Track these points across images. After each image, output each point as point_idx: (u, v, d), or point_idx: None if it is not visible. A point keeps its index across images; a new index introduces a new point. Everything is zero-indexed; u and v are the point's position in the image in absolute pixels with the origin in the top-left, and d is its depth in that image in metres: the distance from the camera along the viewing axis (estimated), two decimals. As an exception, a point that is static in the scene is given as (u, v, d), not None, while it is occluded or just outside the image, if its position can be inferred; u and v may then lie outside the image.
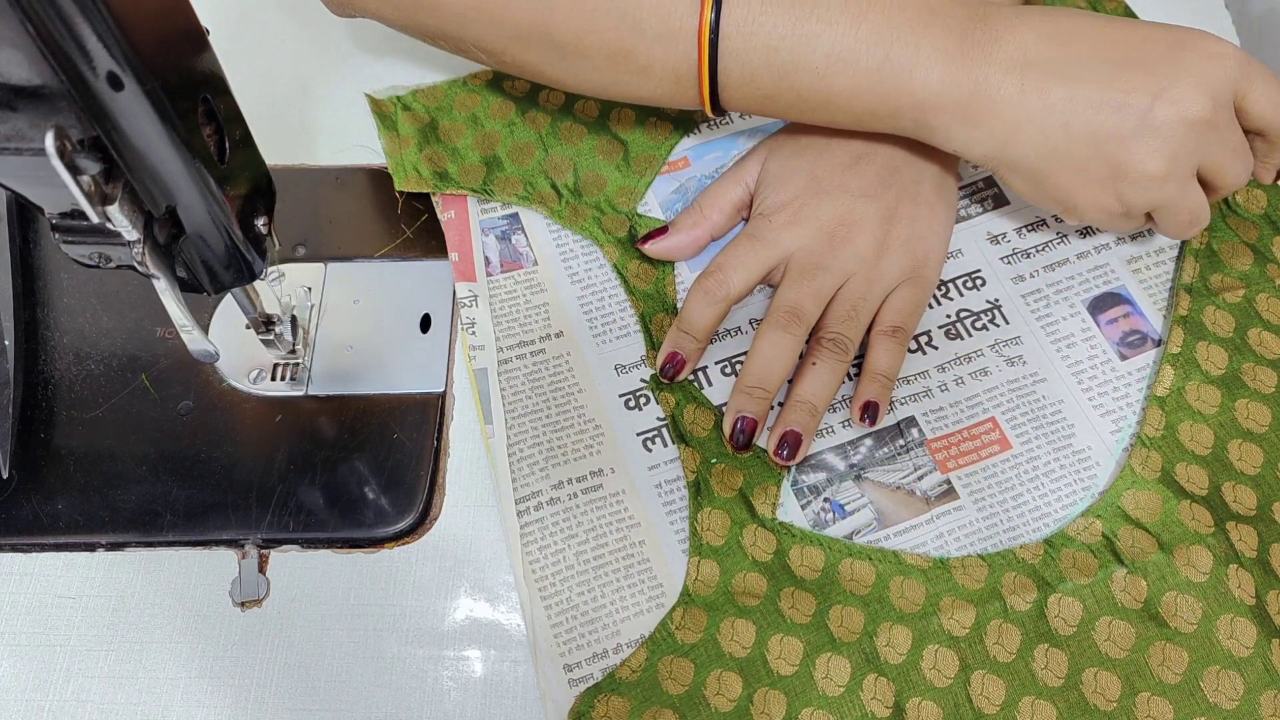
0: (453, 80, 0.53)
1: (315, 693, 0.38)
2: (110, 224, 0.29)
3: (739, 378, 0.43)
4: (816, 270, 0.43)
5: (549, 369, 0.44)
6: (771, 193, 0.45)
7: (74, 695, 0.39)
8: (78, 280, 0.47)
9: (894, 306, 0.44)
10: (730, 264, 0.44)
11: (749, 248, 0.44)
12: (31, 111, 0.26)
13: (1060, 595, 0.38)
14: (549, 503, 0.41)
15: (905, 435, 0.43)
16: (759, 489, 0.41)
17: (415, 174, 0.49)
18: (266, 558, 0.41)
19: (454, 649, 0.39)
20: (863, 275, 0.44)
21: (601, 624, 0.39)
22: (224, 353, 0.39)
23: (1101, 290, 0.46)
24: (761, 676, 0.37)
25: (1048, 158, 0.40)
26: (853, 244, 0.44)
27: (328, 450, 0.43)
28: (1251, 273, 0.46)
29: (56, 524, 0.41)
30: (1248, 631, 0.37)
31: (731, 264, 0.44)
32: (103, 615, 0.40)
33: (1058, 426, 0.43)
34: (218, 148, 0.31)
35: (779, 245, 0.44)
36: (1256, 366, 0.43)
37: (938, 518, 0.41)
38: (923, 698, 0.37)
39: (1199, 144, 0.39)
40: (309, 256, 0.48)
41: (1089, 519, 0.40)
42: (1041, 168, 0.40)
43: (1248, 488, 0.41)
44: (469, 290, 0.46)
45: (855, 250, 0.44)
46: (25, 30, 0.24)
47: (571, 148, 0.50)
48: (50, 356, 0.45)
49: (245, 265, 0.35)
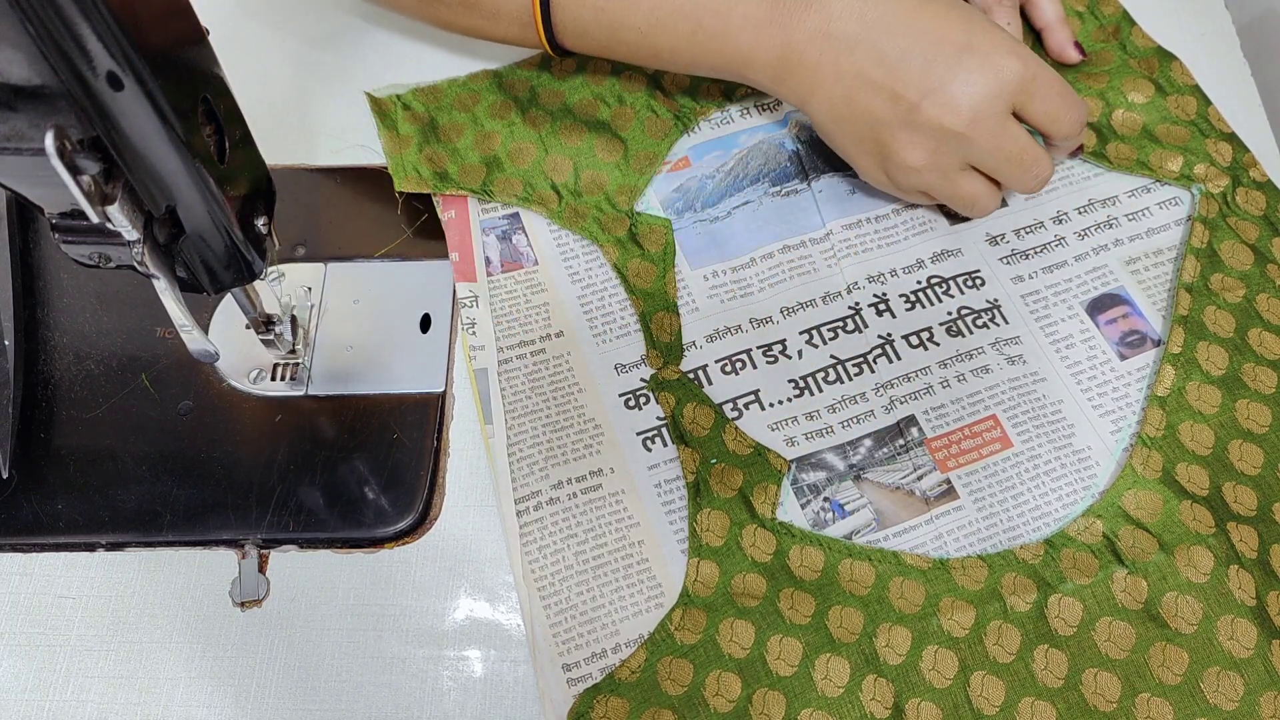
0: (453, 80, 0.52)
1: (315, 693, 0.38)
2: (110, 224, 0.29)
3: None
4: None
5: (549, 369, 0.44)
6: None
7: (74, 695, 0.39)
8: (78, 280, 0.47)
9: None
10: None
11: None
12: (31, 111, 0.26)
13: (1060, 596, 0.38)
14: (548, 502, 0.41)
15: (905, 435, 0.43)
16: (759, 488, 0.41)
17: (415, 174, 0.49)
18: (266, 558, 0.41)
19: (454, 649, 0.39)
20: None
21: (600, 624, 0.39)
22: (224, 353, 0.39)
23: (1100, 291, 0.46)
24: (761, 677, 0.37)
25: (836, 122, 0.44)
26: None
27: (328, 450, 0.43)
28: (1252, 273, 0.46)
29: (56, 524, 0.41)
30: (1248, 632, 0.37)
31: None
32: (103, 615, 0.40)
33: (1058, 426, 0.43)
34: (218, 148, 0.31)
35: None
36: (1257, 367, 0.43)
37: (937, 518, 0.41)
38: (922, 699, 0.37)
39: (958, 149, 0.42)
40: (309, 256, 0.48)
41: (1090, 519, 0.40)
42: (831, 130, 0.45)
43: (1248, 488, 0.41)
44: (469, 290, 0.46)
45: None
46: (25, 30, 0.24)
47: (571, 147, 0.50)
48: (50, 356, 0.45)
49: (245, 265, 0.35)
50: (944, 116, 0.41)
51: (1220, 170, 0.48)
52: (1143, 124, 0.50)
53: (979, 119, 0.41)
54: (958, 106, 0.41)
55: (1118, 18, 0.54)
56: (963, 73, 0.40)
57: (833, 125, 0.44)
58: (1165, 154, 0.49)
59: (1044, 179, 0.43)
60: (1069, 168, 0.50)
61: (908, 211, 0.49)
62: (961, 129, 0.41)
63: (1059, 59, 0.52)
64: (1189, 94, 0.51)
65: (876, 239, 0.48)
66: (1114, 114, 0.50)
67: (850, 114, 0.43)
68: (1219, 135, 0.49)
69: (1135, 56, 0.52)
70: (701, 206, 0.49)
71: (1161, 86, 0.51)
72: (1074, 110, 0.42)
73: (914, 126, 0.42)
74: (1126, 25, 0.53)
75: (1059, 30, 0.52)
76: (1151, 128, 0.50)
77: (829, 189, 0.49)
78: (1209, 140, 0.49)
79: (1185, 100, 0.50)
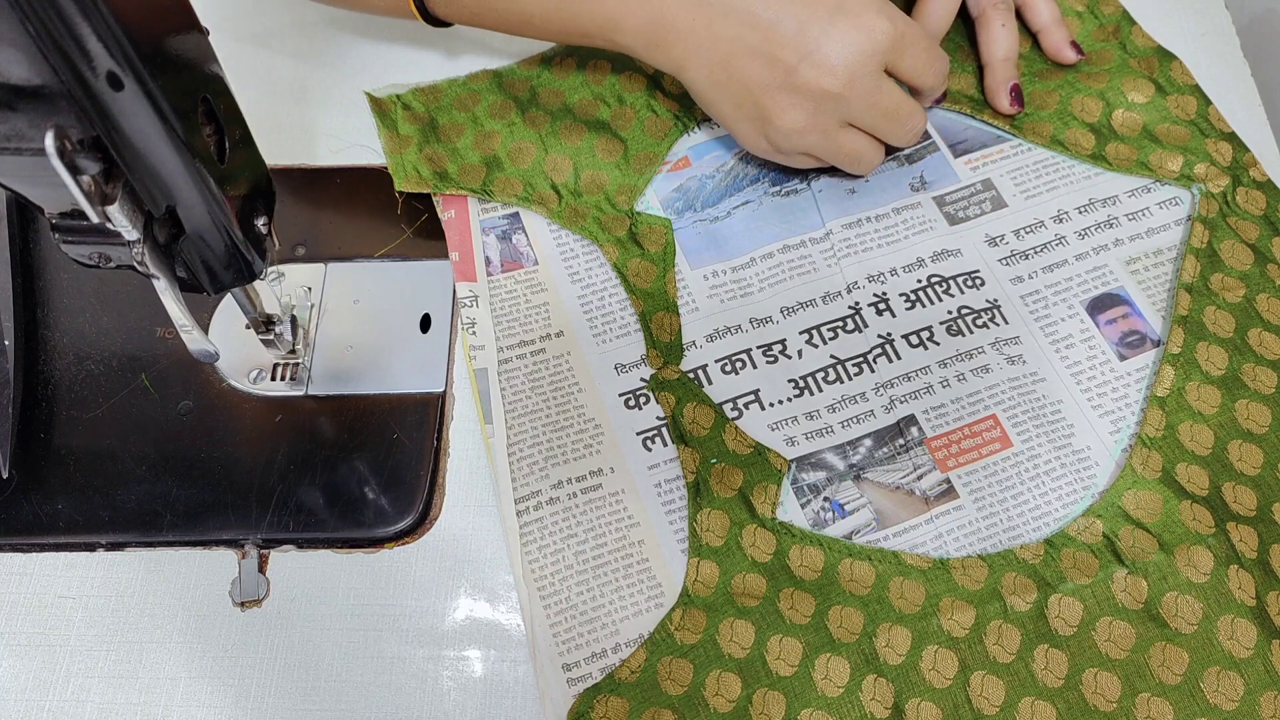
0: (452, 80, 0.53)
1: (315, 693, 0.38)
2: (110, 224, 0.29)
3: (995, 61, 0.50)
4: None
5: (549, 369, 0.44)
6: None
7: (74, 695, 0.39)
8: (78, 280, 0.47)
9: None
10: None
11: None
12: (31, 111, 0.26)
13: (1061, 595, 0.38)
14: (548, 502, 0.41)
15: (905, 434, 0.43)
16: (759, 488, 0.41)
17: (415, 174, 0.49)
18: (266, 558, 0.41)
19: (454, 649, 0.39)
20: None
21: (600, 624, 0.39)
22: (224, 353, 0.39)
23: (1100, 291, 0.46)
24: (761, 677, 0.37)
25: (714, 88, 0.44)
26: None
27: (328, 450, 0.43)
28: (1252, 273, 0.46)
29: (56, 524, 0.41)
30: (1248, 632, 0.37)
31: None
32: (103, 615, 0.40)
33: (1057, 426, 0.43)
34: (218, 148, 0.31)
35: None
36: (1257, 367, 0.43)
37: (937, 517, 0.41)
38: (922, 699, 0.37)
39: (836, 108, 0.43)
40: (309, 256, 0.48)
41: (1090, 519, 0.40)
42: (710, 96, 0.45)
43: (1248, 488, 0.41)
44: (469, 290, 0.46)
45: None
46: (25, 30, 0.24)
47: (571, 147, 0.50)
48: (50, 356, 0.45)
49: (245, 265, 0.35)
50: (822, 78, 0.42)
51: (1220, 170, 0.48)
52: (1143, 124, 0.50)
53: (855, 78, 0.42)
54: (834, 67, 0.42)
55: (1117, 17, 0.54)
56: (837, 34, 0.41)
57: (712, 92, 0.44)
58: (1165, 154, 0.49)
59: (919, 131, 0.46)
60: (1070, 166, 0.50)
61: (908, 211, 0.49)
62: (839, 89, 0.42)
63: (1056, 59, 0.52)
64: (1189, 94, 0.51)
65: (876, 238, 0.48)
66: (1114, 114, 0.50)
67: (729, 79, 0.43)
68: (1219, 135, 0.49)
69: (1135, 56, 0.52)
70: (701, 206, 0.49)
71: (1161, 86, 0.51)
72: (939, 63, 0.45)
73: (792, 89, 0.42)
74: (1126, 25, 0.53)
75: (1055, 31, 0.52)
76: (1151, 127, 0.50)
77: (829, 189, 0.49)
78: (1209, 140, 0.49)
79: (1185, 100, 0.50)
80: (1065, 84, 0.51)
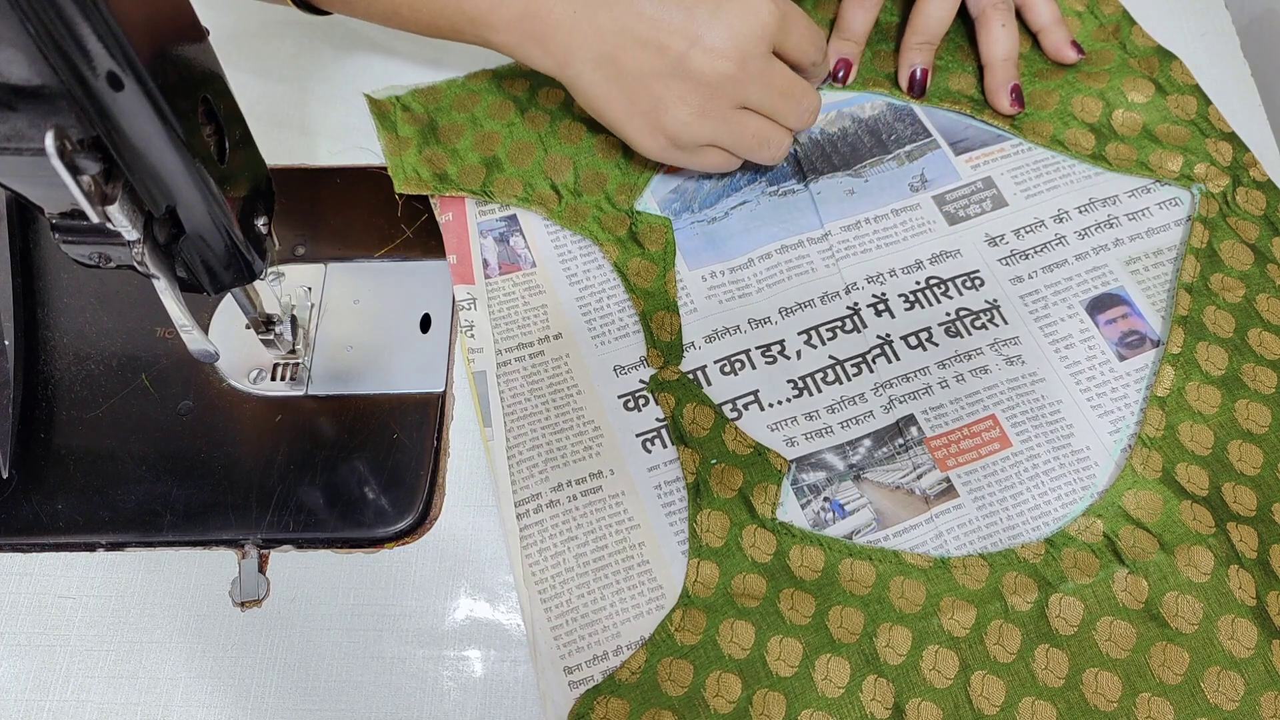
0: (451, 80, 0.53)
1: (315, 693, 0.38)
2: (110, 224, 0.29)
3: (909, 35, 0.50)
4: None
5: (548, 371, 0.44)
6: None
7: (74, 695, 0.39)
8: (78, 280, 0.47)
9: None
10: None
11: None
12: (31, 111, 0.26)
13: (1061, 595, 0.38)
14: (548, 505, 0.41)
15: (904, 434, 0.43)
16: (759, 488, 0.41)
17: (415, 176, 0.49)
18: (266, 558, 0.41)
19: (454, 649, 0.39)
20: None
21: (601, 626, 0.39)
22: (224, 353, 0.39)
23: (1100, 291, 0.46)
24: (761, 678, 0.37)
25: (602, 84, 0.43)
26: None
27: (328, 450, 0.43)
28: (1252, 273, 0.46)
29: (56, 524, 0.41)
30: (1248, 632, 0.37)
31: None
32: (103, 615, 0.40)
33: (1056, 426, 0.43)
34: (218, 148, 0.31)
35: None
36: (1257, 367, 0.43)
37: (937, 517, 0.41)
38: (923, 699, 0.37)
39: (732, 91, 0.43)
40: (309, 256, 0.48)
41: (1090, 518, 0.40)
42: (597, 93, 0.44)
43: (1248, 488, 0.41)
44: (467, 293, 0.46)
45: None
46: (25, 30, 0.24)
47: (571, 146, 0.50)
48: (50, 356, 0.45)
49: (245, 265, 0.35)
50: (714, 62, 0.42)
51: (1220, 170, 0.48)
52: (1143, 124, 0.50)
53: (746, 60, 0.42)
54: (725, 50, 0.41)
55: (1117, 17, 0.54)
56: (725, 17, 0.41)
57: (600, 88, 0.43)
58: (1165, 154, 0.49)
59: (815, 110, 0.46)
60: (1070, 166, 0.50)
61: (907, 213, 0.49)
62: (732, 71, 0.42)
63: (1056, 59, 0.52)
64: (1189, 94, 0.51)
65: (875, 239, 0.48)
66: (1114, 114, 0.50)
67: (618, 73, 0.42)
68: (1219, 135, 0.49)
69: (1135, 56, 0.52)
70: (699, 207, 0.49)
71: (1161, 86, 0.51)
72: (819, 40, 0.46)
73: (685, 75, 0.42)
74: (1126, 25, 0.53)
75: (1055, 31, 0.52)
76: (1151, 127, 0.50)
77: (827, 189, 0.49)
78: (1209, 140, 0.49)
79: (1185, 100, 0.51)
80: (1065, 84, 0.51)
